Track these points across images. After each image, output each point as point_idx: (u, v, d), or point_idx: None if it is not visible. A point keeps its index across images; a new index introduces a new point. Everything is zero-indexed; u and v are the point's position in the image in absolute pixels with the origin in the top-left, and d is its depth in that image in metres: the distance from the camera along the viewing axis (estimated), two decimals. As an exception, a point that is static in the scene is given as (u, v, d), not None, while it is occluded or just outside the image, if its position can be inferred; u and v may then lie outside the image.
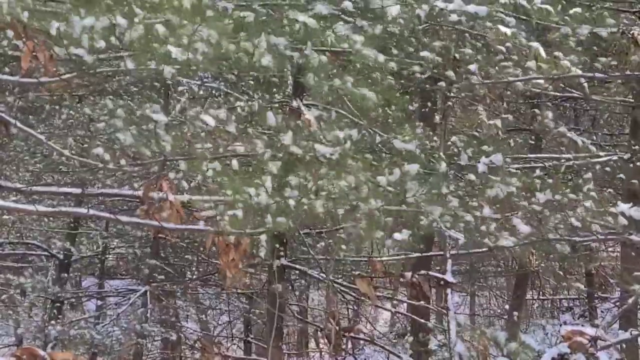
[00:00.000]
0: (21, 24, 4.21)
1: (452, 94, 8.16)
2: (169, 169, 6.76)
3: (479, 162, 7.87)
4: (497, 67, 6.83)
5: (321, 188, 4.92)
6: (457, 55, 6.85)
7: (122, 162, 6.19)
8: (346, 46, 4.92)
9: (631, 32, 7.45)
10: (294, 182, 4.88)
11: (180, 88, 10.01)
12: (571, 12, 6.35)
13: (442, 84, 7.32)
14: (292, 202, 4.82)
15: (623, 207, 6.51)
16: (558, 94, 10.24)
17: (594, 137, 12.35)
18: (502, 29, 5.85)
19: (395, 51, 5.79)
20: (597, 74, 7.66)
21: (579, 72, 6.85)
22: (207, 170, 5.36)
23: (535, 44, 6.14)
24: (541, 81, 7.45)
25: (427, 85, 7.63)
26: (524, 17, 6.48)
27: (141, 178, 10.88)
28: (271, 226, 4.94)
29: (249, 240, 5.42)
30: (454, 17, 5.43)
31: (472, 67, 6.67)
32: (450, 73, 6.97)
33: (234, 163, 5.15)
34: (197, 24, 4.13)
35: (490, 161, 5.71)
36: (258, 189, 4.83)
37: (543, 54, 6.15)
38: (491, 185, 6.01)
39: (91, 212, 6.31)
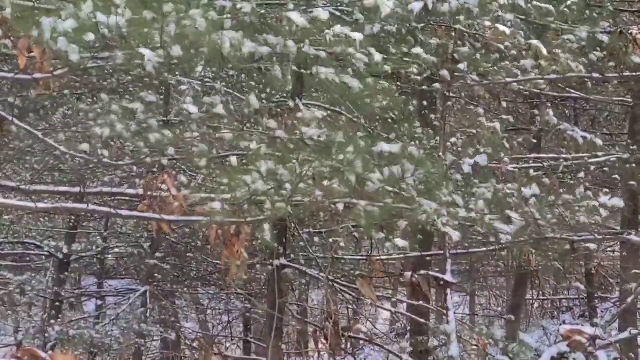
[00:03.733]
0: (7, 22, 4.22)
1: (451, 94, 8.15)
2: (169, 166, 6.77)
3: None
4: (495, 67, 6.82)
5: (314, 171, 4.91)
6: (455, 56, 6.85)
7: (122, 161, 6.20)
8: (343, 48, 4.90)
9: (630, 32, 7.45)
10: (287, 167, 4.88)
11: (182, 88, 10.02)
12: (568, 2, 6.34)
13: (437, 85, 7.31)
14: (288, 186, 4.82)
15: (604, 199, 6.52)
16: (557, 94, 10.25)
17: (594, 136, 12.33)
18: (501, 27, 5.84)
19: (392, 50, 5.78)
20: (594, 75, 7.66)
21: (578, 71, 6.84)
22: (203, 162, 5.36)
23: (535, 42, 6.13)
24: (540, 81, 7.44)
25: (425, 86, 7.62)
26: (522, 17, 6.48)
27: (140, 177, 10.89)
28: (271, 213, 4.93)
29: (249, 230, 5.41)
30: (445, 8, 5.43)
31: (461, 65, 6.65)
32: (445, 73, 6.95)
33: (233, 160, 5.15)
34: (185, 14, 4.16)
35: (475, 162, 5.71)
36: (254, 177, 4.83)
37: (544, 51, 6.14)
38: (485, 186, 6.01)
39: (91, 207, 6.32)
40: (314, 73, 4.77)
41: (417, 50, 5.66)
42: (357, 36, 4.56)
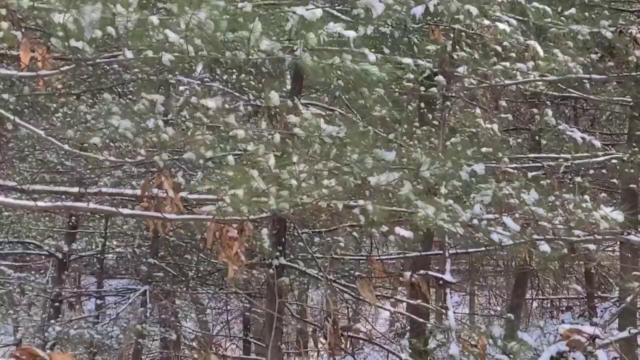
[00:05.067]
0: (16, 15, 4.22)
1: (450, 95, 8.15)
2: (168, 167, 6.76)
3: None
4: (493, 68, 6.81)
5: (315, 170, 4.89)
6: (454, 55, 6.85)
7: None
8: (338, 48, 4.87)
9: (630, 31, 7.44)
10: (296, 165, 4.86)
11: (181, 88, 10.05)
12: (567, 13, 6.35)
13: (435, 90, 7.31)
14: (294, 182, 4.80)
15: (606, 210, 6.51)
16: (557, 93, 10.25)
17: (593, 137, 12.33)
18: (501, 26, 5.84)
19: (388, 50, 5.77)
20: (594, 75, 7.65)
21: (577, 71, 6.84)
22: (208, 158, 5.35)
23: (532, 42, 6.13)
24: (539, 83, 7.44)
25: (424, 87, 7.62)
26: (521, 18, 6.48)
27: (139, 178, 10.90)
28: (275, 207, 4.90)
29: (252, 227, 5.39)
30: (453, 7, 5.41)
31: (461, 69, 6.64)
32: (441, 79, 6.95)
33: (230, 159, 5.14)
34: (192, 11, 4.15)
35: (472, 170, 5.71)
36: (260, 171, 4.82)
37: (541, 52, 6.14)
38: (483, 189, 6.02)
39: (91, 205, 6.30)
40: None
41: (408, 60, 5.64)
42: (351, 34, 4.53)
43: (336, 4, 5.80)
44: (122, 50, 4.43)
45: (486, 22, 6.05)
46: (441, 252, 9.06)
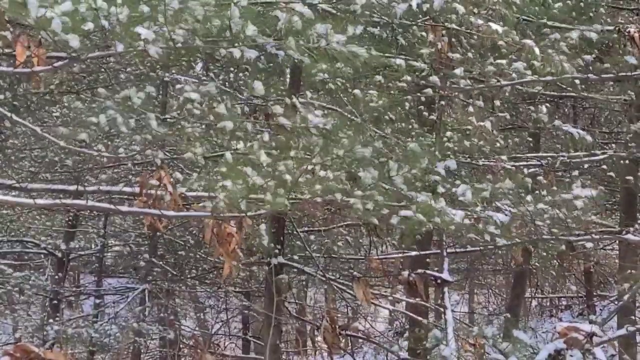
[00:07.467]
0: (3, 16, 4.22)
1: (445, 93, 8.14)
2: (166, 164, 6.76)
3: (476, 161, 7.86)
4: (489, 66, 6.79)
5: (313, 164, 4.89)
6: (449, 55, 6.83)
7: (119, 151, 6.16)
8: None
9: (627, 30, 7.42)
10: (288, 158, 4.87)
11: (178, 86, 10.05)
12: (559, 4, 6.32)
13: (430, 91, 7.30)
14: (288, 177, 4.79)
15: (577, 190, 6.49)
16: (555, 93, 10.25)
17: (592, 136, 12.33)
18: (493, 26, 5.83)
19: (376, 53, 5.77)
20: (591, 75, 7.64)
21: (573, 71, 6.82)
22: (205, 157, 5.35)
23: (529, 42, 6.11)
24: (537, 86, 7.42)
25: (421, 86, 7.62)
26: (517, 15, 6.47)
27: (137, 175, 10.89)
28: (271, 205, 4.90)
29: (250, 222, 5.39)
30: (437, 4, 5.40)
31: (458, 71, 6.62)
32: (435, 79, 6.94)
33: (228, 155, 5.14)
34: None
35: (447, 166, 5.70)
36: (254, 168, 4.82)
37: (537, 51, 6.13)
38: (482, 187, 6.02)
39: (90, 203, 6.28)
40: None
41: (399, 61, 5.63)
42: (340, 37, 4.51)
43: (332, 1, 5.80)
44: (113, 46, 4.42)
45: (479, 21, 6.04)
46: (439, 251, 9.07)
